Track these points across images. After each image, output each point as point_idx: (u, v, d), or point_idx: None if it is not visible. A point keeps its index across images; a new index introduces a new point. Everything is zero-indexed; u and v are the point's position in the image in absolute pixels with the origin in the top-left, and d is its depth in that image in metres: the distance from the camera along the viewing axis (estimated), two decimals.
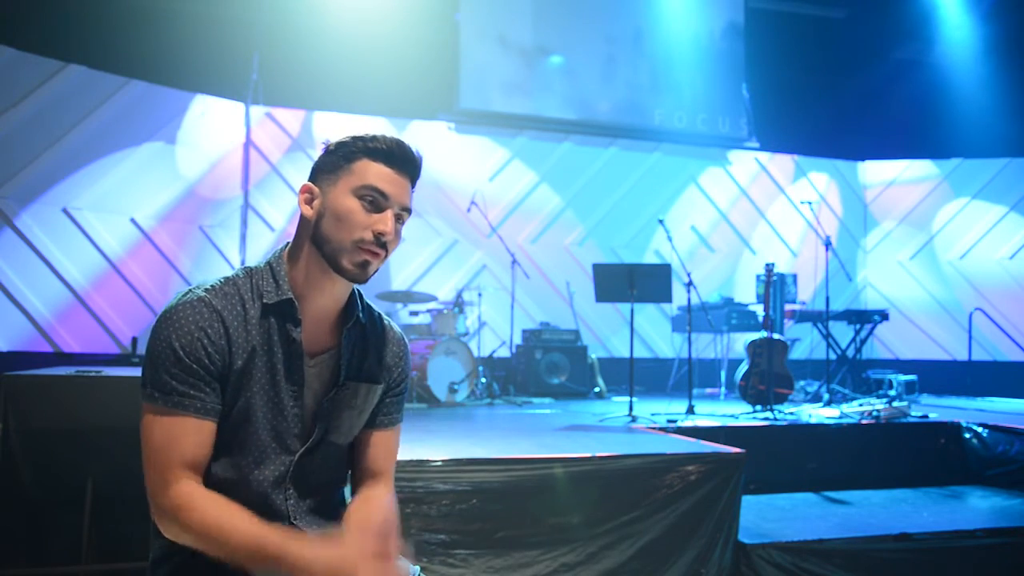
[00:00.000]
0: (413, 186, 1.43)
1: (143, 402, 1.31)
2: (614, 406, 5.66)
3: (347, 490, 1.58)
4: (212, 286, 1.37)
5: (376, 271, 1.39)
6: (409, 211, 1.41)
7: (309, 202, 1.39)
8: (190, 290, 1.36)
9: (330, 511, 1.49)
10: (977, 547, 3.38)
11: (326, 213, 1.36)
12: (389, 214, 1.36)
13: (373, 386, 1.49)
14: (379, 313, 1.55)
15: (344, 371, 1.44)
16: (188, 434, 1.30)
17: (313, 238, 1.38)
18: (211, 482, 1.34)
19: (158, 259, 6.55)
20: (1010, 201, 8.33)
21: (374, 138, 1.38)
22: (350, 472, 1.56)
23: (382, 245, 1.36)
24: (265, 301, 1.37)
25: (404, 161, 1.39)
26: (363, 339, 1.49)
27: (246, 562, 1.24)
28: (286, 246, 1.44)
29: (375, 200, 1.36)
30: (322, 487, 1.47)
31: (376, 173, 1.36)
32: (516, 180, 7.87)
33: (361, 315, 1.47)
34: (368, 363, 1.48)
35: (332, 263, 1.36)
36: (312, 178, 1.41)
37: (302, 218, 1.40)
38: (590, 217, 8.04)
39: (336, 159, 1.38)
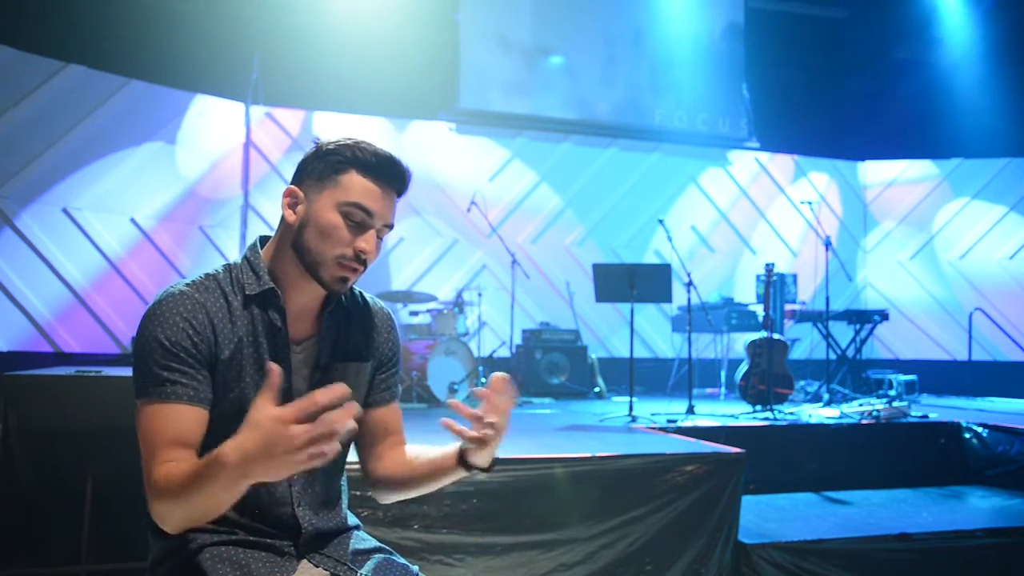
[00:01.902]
0: (399, 198, 1.42)
1: (137, 400, 1.31)
2: (614, 406, 5.66)
3: (344, 489, 1.58)
4: (192, 282, 1.37)
5: (355, 282, 1.40)
6: (391, 226, 1.41)
7: (293, 206, 1.38)
8: (170, 288, 1.36)
9: (333, 498, 1.51)
10: (977, 547, 3.38)
11: (309, 223, 1.35)
12: (372, 234, 1.36)
13: (362, 364, 1.50)
14: (360, 292, 1.55)
15: (330, 353, 1.45)
16: (179, 419, 1.27)
17: (294, 244, 1.37)
18: None
19: (158, 259, 6.54)
20: (1010, 201, 8.33)
21: (364, 149, 1.35)
22: (361, 459, 1.57)
23: (362, 262, 1.37)
24: (247, 292, 1.37)
25: (393, 177, 1.38)
26: (347, 320, 1.49)
27: (210, 489, 1.10)
28: (258, 240, 1.44)
29: (360, 218, 1.35)
30: (323, 472, 1.47)
31: (362, 189, 1.35)
32: (516, 180, 7.87)
33: (344, 299, 1.48)
34: (353, 342, 1.49)
35: (312, 273, 1.36)
36: (297, 179, 1.40)
37: (284, 220, 1.39)
38: (590, 217, 8.04)
39: (324, 167, 1.36)
